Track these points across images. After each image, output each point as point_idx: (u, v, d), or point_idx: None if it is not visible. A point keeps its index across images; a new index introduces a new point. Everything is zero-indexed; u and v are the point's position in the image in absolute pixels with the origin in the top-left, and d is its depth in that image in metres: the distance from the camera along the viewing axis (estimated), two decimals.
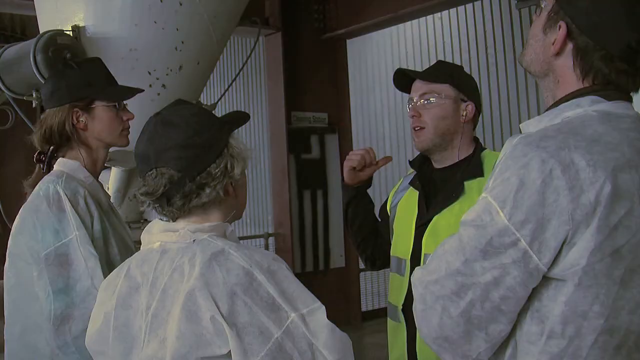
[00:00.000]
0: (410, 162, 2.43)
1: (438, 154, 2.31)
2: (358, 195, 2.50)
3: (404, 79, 2.38)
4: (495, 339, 1.37)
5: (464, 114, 2.28)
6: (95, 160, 2.37)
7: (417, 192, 2.33)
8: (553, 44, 1.44)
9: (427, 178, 2.36)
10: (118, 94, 2.38)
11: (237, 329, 1.37)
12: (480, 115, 2.36)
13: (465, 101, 2.29)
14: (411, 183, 2.38)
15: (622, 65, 1.39)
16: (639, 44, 1.37)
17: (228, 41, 4.04)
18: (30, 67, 3.04)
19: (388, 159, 2.51)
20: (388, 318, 2.37)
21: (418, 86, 2.32)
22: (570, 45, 1.43)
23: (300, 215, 7.23)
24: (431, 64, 2.47)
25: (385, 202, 2.54)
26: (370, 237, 2.54)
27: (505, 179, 1.31)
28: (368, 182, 2.51)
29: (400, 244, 2.33)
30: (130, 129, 2.40)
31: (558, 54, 1.44)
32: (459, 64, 7.75)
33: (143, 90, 2.45)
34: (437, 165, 2.35)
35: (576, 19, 1.41)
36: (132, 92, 2.40)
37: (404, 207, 2.38)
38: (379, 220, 2.57)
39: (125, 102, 2.41)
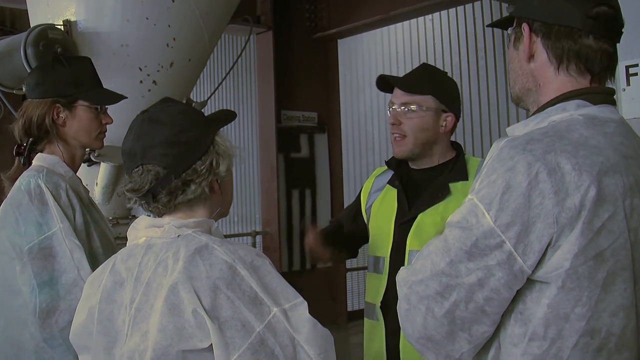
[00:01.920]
0: (387, 162, 2.44)
1: (418, 160, 2.34)
2: (332, 245, 2.44)
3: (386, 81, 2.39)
4: (478, 339, 1.38)
5: (444, 124, 2.30)
6: (73, 156, 2.37)
7: (396, 191, 2.34)
8: (524, 50, 1.48)
9: (406, 177, 2.37)
10: (103, 98, 2.39)
11: (219, 322, 1.39)
12: (468, 118, 2.38)
13: (446, 112, 2.30)
14: (390, 182, 2.39)
15: (588, 40, 1.42)
16: (597, 13, 1.40)
17: (219, 39, 4.04)
18: (21, 60, 3.03)
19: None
20: (365, 318, 2.38)
21: (399, 94, 2.32)
22: (538, 40, 1.46)
23: (288, 214, 7.23)
24: (436, 67, 2.47)
25: (357, 202, 2.53)
26: (348, 242, 2.57)
27: (491, 182, 1.32)
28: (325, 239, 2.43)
29: (379, 243, 2.34)
30: (108, 127, 2.42)
31: (531, 56, 1.48)
32: (449, 65, 7.80)
33: (127, 97, 2.46)
34: (415, 167, 2.37)
35: (533, 14, 1.46)
36: (116, 98, 2.41)
37: (380, 206, 2.39)
38: (346, 221, 2.57)
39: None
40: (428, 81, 2.33)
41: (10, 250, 2.17)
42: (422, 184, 2.31)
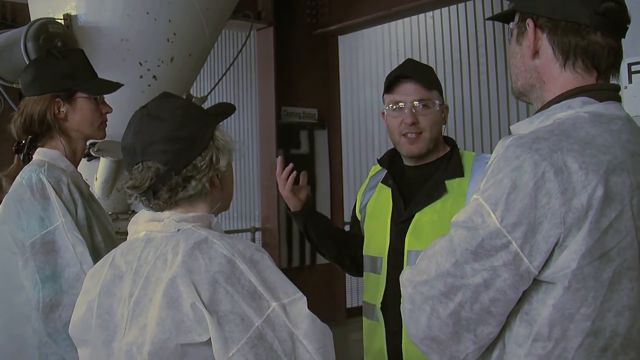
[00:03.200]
0: (378, 160, 2.42)
1: (425, 157, 2.31)
2: (311, 215, 2.47)
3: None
4: (484, 340, 1.37)
5: (444, 116, 2.33)
6: (75, 150, 2.36)
7: (390, 190, 2.32)
8: (529, 47, 1.46)
9: (399, 175, 2.35)
10: (101, 88, 2.38)
11: (217, 316, 1.39)
12: (469, 115, 2.38)
13: (443, 104, 2.32)
14: (384, 181, 2.37)
15: (596, 36, 1.41)
16: (605, 9, 1.39)
17: (220, 34, 4.03)
18: (21, 54, 3.03)
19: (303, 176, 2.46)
20: (363, 317, 2.36)
21: (415, 90, 2.27)
22: (544, 36, 1.44)
23: (287, 210, 7.21)
24: (422, 62, 2.47)
25: (355, 206, 2.52)
26: (343, 247, 2.51)
27: (497, 181, 1.31)
28: (309, 199, 2.47)
29: (375, 243, 2.32)
30: (108, 122, 2.42)
31: (536, 52, 1.46)
32: (450, 62, 7.80)
33: (123, 85, 2.45)
34: (409, 163, 2.35)
35: (538, 9, 1.44)
36: (114, 86, 2.40)
37: (375, 205, 2.37)
38: (348, 226, 2.55)
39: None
40: (432, 75, 2.35)
41: (12, 245, 2.16)
42: (417, 181, 2.29)
